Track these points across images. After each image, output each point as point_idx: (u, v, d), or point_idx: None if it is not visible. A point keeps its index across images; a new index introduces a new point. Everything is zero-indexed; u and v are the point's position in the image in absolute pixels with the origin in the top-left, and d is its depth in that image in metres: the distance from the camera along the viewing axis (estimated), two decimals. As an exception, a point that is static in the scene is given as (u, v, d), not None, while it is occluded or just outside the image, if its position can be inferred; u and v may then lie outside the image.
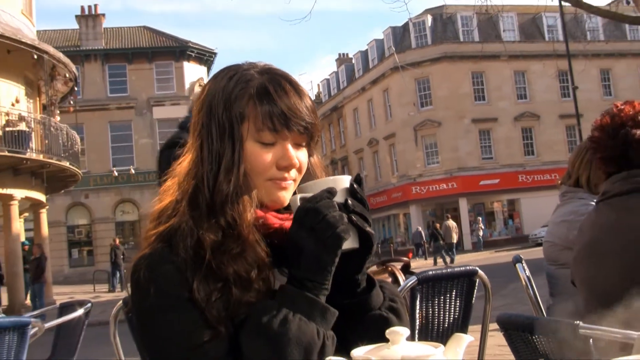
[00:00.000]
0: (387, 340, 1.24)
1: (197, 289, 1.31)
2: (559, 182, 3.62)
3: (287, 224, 1.42)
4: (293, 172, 1.46)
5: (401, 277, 3.42)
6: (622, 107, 2.50)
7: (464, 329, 3.64)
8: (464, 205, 43.49)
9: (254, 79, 1.44)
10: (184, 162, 1.48)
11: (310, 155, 1.51)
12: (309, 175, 1.52)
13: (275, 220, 1.44)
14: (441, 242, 31.75)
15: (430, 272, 3.60)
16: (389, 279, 3.48)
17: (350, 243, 1.33)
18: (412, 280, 3.46)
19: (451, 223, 32.40)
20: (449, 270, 3.75)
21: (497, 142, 44.42)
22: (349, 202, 1.34)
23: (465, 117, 44.04)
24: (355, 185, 1.38)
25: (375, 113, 49.23)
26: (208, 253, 1.33)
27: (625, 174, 2.46)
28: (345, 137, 55.10)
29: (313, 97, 59.89)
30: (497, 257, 28.88)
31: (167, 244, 1.37)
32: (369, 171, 50.53)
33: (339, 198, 1.34)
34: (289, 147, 1.44)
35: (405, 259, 3.79)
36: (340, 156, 55.17)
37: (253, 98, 1.41)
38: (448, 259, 31.01)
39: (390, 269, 3.60)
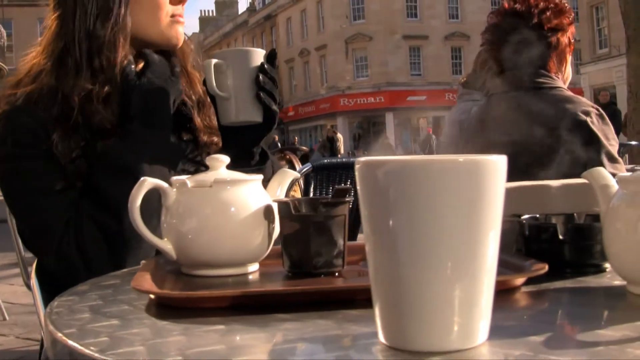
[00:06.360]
0: None
1: (56, 144, 1.32)
2: (460, 80, 3.64)
3: None
4: (181, 8, 1.50)
5: (297, 164, 3.51)
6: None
7: (356, 220, 3.95)
8: (390, 120, 44.17)
9: None
10: (47, 32, 1.45)
11: None
12: None
13: None
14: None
15: (326, 160, 3.60)
16: (286, 166, 3.57)
17: (254, 116, 1.38)
18: (307, 167, 3.49)
19: (339, 135, 36.12)
20: (344, 159, 3.69)
21: (427, 59, 44.91)
22: (260, 78, 1.35)
23: (397, 32, 44.27)
24: (266, 65, 1.38)
25: (308, 24, 48.98)
26: (76, 107, 1.33)
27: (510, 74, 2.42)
28: (277, 46, 54.39)
29: (247, 6, 58.80)
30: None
31: (28, 101, 1.36)
32: (299, 81, 50.68)
33: (251, 73, 1.37)
34: None
35: (304, 148, 4.00)
36: (272, 65, 54.76)
37: None
38: None
39: (288, 156, 3.74)
